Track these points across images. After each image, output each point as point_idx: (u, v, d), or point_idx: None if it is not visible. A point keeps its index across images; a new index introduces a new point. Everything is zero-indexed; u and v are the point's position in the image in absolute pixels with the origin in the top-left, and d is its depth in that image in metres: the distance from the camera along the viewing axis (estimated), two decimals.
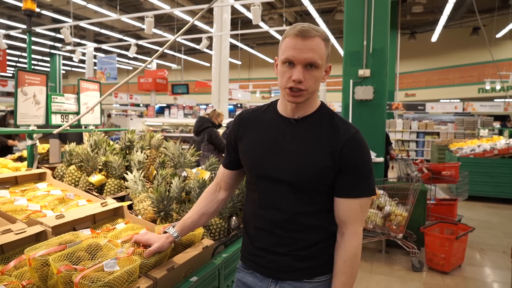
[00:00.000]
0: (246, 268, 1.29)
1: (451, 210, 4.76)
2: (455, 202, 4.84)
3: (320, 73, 1.13)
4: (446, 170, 4.71)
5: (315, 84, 1.13)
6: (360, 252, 1.19)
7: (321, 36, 1.12)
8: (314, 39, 1.09)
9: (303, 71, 1.10)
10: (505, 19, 14.52)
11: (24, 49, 21.01)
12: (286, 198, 1.17)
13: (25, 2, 2.24)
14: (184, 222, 1.33)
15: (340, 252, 1.17)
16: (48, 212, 1.62)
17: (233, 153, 1.33)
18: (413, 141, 13.30)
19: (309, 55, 1.08)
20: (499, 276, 3.67)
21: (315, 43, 1.09)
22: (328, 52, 1.15)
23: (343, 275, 1.16)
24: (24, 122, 2.02)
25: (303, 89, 1.11)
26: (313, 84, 1.13)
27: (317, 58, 1.09)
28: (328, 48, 1.15)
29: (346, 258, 1.16)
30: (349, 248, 1.16)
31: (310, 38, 1.09)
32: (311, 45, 1.09)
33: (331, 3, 14.74)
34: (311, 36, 1.09)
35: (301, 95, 1.12)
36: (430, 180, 4.67)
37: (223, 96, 10.61)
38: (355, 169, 1.14)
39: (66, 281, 1.05)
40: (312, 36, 1.09)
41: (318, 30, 1.12)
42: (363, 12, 4.43)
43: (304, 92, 1.12)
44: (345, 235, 1.17)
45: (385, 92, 4.51)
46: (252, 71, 25.89)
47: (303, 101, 1.15)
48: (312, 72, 1.11)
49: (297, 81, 1.09)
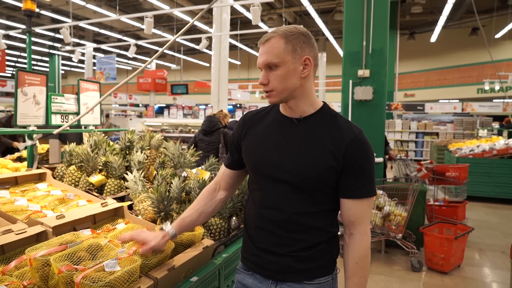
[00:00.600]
0: (246, 269, 1.29)
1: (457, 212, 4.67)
2: (464, 203, 4.75)
3: (283, 70, 1.12)
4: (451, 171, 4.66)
5: (282, 82, 1.13)
6: (370, 252, 1.18)
7: (280, 34, 1.13)
8: (269, 41, 1.13)
9: (266, 74, 1.15)
10: (504, 20, 14.56)
11: (23, 49, 21.00)
12: (287, 198, 1.17)
13: (25, 2, 2.24)
14: (183, 220, 1.33)
15: (351, 253, 1.17)
16: (49, 213, 1.62)
17: (236, 153, 1.33)
18: (412, 141, 13.32)
19: (263, 58, 1.14)
20: (498, 276, 3.68)
21: (269, 44, 1.13)
22: (293, 46, 1.12)
23: (355, 276, 1.16)
24: (24, 123, 2.02)
25: (269, 90, 1.16)
26: (279, 83, 1.14)
27: (271, 58, 1.12)
28: (293, 42, 1.12)
29: (358, 258, 1.16)
30: (360, 248, 1.17)
31: (266, 42, 1.14)
32: (266, 48, 1.14)
33: (330, 3, 14.76)
34: (266, 40, 1.14)
35: (271, 96, 1.16)
36: (434, 181, 4.65)
37: (223, 96, 10.61)
38: (361, 170, 1.15)
39: (67, 281, 1.05)
40: (267, 40, 1.14)
41: (279, 29, 1.14)
42: (362, 12, 4.43)
43: (272, 92, 1.16)
44: (355, 235, 1.17)
45: (385, 93, 4.51)
46: (251, 71, 25.91)
47: (279, 100, 1.17)
48: (274, 72, 1.14)
49: (261, 84, 1.16)
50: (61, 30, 8.88)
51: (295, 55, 1.13)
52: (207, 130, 5.00)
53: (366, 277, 1.18)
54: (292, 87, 1.15)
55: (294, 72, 1.13)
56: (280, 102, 1.19)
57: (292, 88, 1.15)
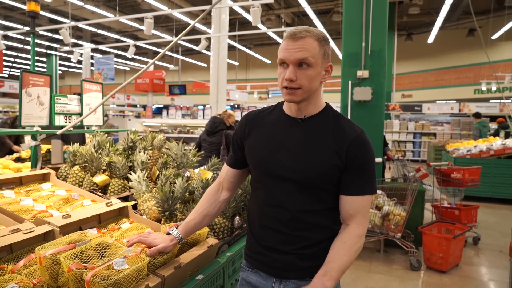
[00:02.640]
0: (250, 267, 1.30)
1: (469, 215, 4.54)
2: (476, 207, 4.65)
3: (314, 72, 1.14)
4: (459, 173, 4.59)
5: (310, 82, 1.15)
6: (361, 244, 1.17)
7: (314, 36, 1.14)
8: (305, 39, 1.13)
9: (295, 70, 1.13)
10: (500, 21, 14.64)
11: (20, 49, 20.93)
12: (291, 197, 1.19)
13: (29, 4, 2.25)
14: (188, 224, 1.34)
15: (340, 235, 1.17)
16: (54, 212, 1.63)
17: (239, 152, 1.34)
18: (409, 142, 13.38)
19: (298, 54, 1.12)
20: (495, 275, 3.71)
21: (306, 42, 1.12)
22: (325, 51, 1.16)
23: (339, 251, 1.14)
24: (28, 123, 2.03)
25: (296, 88, 1.14)
26: (307, 82, 1.14)
27: (307, 56, 1.12)
28: (325, 48, 1.16)
29: (346, 239, 1.15)
30: (351, 232, 1.16)
31: (300, 38, 1.13)
32: (301, 45, 1.12)
33: (328, 4, 14.81)
34: (301, 36, 1.13)
35: (295, 93, 1.15)
36: (441, 182, 4.64)
37: (221, 97, 10.63)
38: (361, 168, 1.17)
39: (77, 279, 1.07)
40: (302, 37, 1.13)
41: (312, 30, 1.15)
42: (361, 14, 4.47)
43: (298, 90, 1.14)
44: (350, 224, 1.18)
45: (383, 93, 4.55)
46: (249, 71, 25.92)
47: (300, 99, 1.16)
48: (305, 71, 1.13)
49: (289, 80, 1.13)
50: (60, 31, 8.88)
51: (324, 60, 1.16)
52: (210, 131, 5.01)
53: (350, 259, 1.13)
54: (314, 89, 1.17)
55: (319, 75, 1.17)
56: (300, 102, 1.18)
57: (314, 90, 1.18)
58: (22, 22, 16.91)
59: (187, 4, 14.48)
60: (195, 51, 11.81)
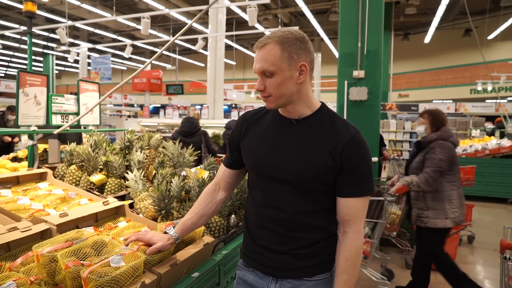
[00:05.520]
0: (246, 266, 1.32)
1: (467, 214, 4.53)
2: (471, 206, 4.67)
3: (279, 78, 1.13)
4: None
5: (278, 89, 1.14)
6: (362, 251, 1.21)
7: (276, 39, 1.12)
8: (265, 47, 1.13)
9: (263, 80, 1.16)
10: (496, 21, 14.75)
11: (16, 48, 20.85)
12: (286, 198, 1.20)
13: (26, 4, 2.26)
14: (184, 224, 1.35)
15: (343, 251, 1.19)
16: (51, 211, 1.64)
17: (236, 153, 1.35)
18: (406, 141, 13.43)
19: (259, 65, 1.14)
20: (490, 273, 3.75)
21: (265, 51, 1.12)
22: (290, 53, 1.12)
23: (345, 273, 1.18)
24: (25, 123, 2.04)
25: (266, 96, 1.17)
26: (275, 89, 1.14)
27: (267, 66, 1.12)
28: (289, 49, 1.12)
29: (349, 256, 1.18)
30: (352, 246, 1.19)
31: (262, 47, 1.13)
32: (262, 55, 1.13)
33: (325, 4, 14.85)
34: (261, 45, 1.13)
35: (268, 101, 1.18)
36: None
37: (219, 97, 10.63)
38: (357, 169, 1.17)
39: (74, 276, 1.09)
40: (263, 45, 1.13)
41: (276, 34, 1.13)
42: (357, 14, 4.50)
43: (270, 98, 1.17)
44: (348, 233, 1.20)
45: (379, 93, 4.58)
46: (246, 71, 25.96)
47: (276, 105, 1.18)
48: (270, 79, 1.14)
49: (257, 90, 1.17)
50: (57, 31, 8.85)
51: (291, 62, 1.13)
52: (188, 132, 5.01)
53: (356, 275, 1.19)
54: (288, 93, 1.16)
55: (290, 79, 1.14)
56: (278, 107, 1.21)
57: (289, 94, 1.16)
58: (19, 21, 16.84)
59: (185, 4, 14.48)
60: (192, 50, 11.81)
